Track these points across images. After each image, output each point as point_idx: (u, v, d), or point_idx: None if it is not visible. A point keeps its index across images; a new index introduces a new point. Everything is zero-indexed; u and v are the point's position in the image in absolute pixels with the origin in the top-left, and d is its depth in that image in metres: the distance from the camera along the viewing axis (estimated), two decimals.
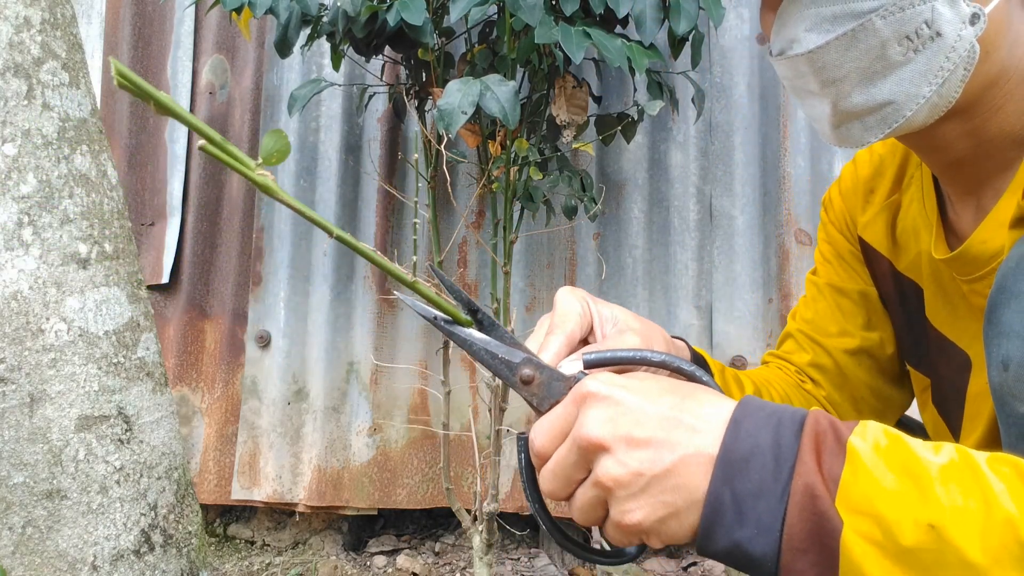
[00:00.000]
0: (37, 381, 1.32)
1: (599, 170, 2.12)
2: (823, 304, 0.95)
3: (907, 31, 0.63)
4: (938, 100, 0.65)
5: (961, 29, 0.62)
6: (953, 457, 0.45)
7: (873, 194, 0.88)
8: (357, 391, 2.14)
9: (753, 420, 0.48)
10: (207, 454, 2.19)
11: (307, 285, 2.18)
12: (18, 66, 1.36)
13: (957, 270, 0.73)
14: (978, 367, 0.77)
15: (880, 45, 0.64)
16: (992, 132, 0.68)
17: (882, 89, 0.65)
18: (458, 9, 1.48)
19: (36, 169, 1.36)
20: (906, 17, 0.62)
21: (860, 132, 0.68)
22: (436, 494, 2.10)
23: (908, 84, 0.64)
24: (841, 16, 0.64)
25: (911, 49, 0.63)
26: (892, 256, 0.86)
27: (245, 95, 2.29)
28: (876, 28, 0.63)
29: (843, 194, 0.92)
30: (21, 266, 1.33)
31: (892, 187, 0.85)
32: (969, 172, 0.71)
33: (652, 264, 2.08)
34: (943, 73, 0.63)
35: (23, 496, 1.31)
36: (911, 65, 0.64)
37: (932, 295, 0.81)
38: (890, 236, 0.86)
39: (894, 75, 0.64)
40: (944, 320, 0.80)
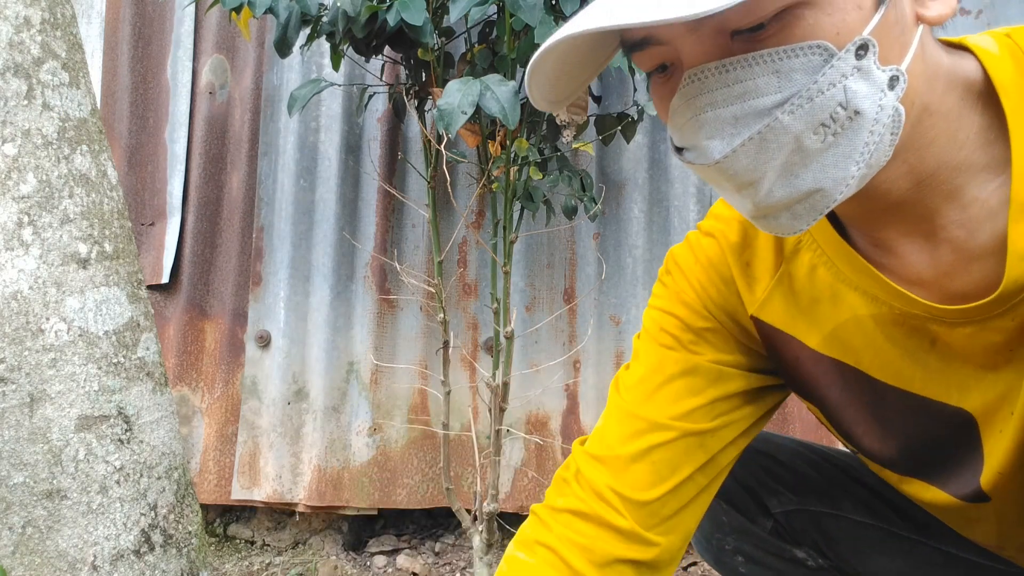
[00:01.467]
0: (37, 381, 1.32)
1: (599, 170, 2.12)
2: (669, 388, 0.78)
3: (821, 119, 0.55)
4: (868, 171, 0.59)
5: (880, 99, 0.55)
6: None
7: (751, 267, 0.76)
8: (357, 391, 2.14)
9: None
10: (207, 454, 2.19)
11: (307, 285, 2.18)
12: (18, 66, 1.36)
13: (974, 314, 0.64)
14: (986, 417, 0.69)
15: (794, 139, 0.56)
16: (929, 166, 0.62)
17: (805, 180, 0.57)
18: (458, 9, 1.48)
19: (36, 169, 1.36)
20: (816, 106, 0.55)
21: (789, 221, 0.60)
22: (436, 494, 2.10)
23: (832, 169, 0.57)
24: (743, 116, 0.56)
25: (829, 134, 0.56)
26: (802, 334, 0.75)
27: (245, 95, 2.30)
28: (785, 125, 0.55)
29: (702, 265, 0.79)
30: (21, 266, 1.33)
31: (775, 258, 0.75)
32: (914, 210, 0.64)
33: (652, 264, 2.08)
34: (869, 148, 0.57)
35: (23, 496, 1.31)
36: (832, 150, 0.56)
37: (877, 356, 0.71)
38: (791, 312, 0.75)
39: (815, 163, 0.57)
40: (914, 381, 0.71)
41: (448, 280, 2.11)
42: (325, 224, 2.18)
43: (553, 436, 2.06)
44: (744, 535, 0.94)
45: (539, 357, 2.08)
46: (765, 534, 0.94)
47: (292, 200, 2.20)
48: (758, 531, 0.94)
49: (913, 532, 0.92)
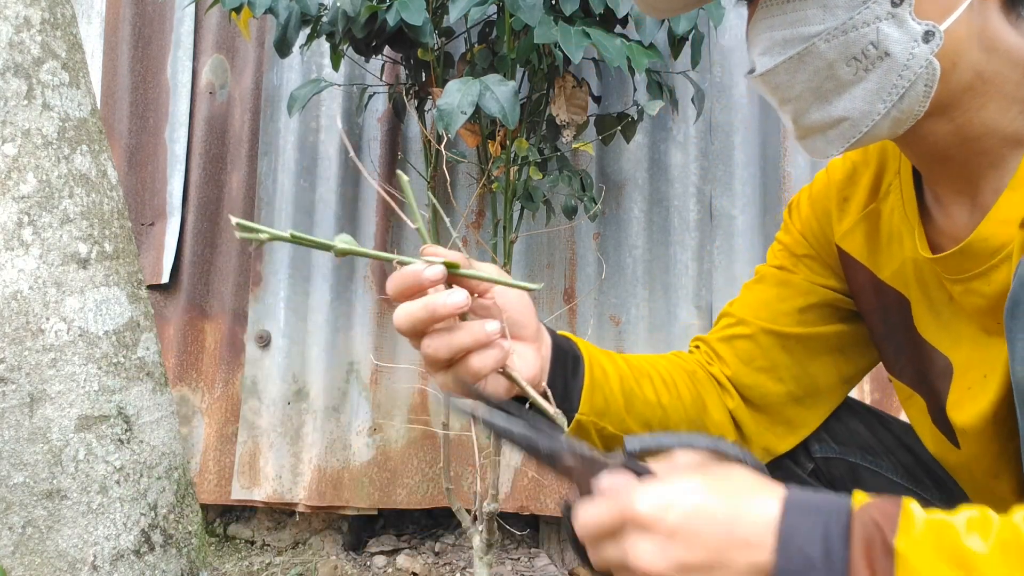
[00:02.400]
0: (37, 381, 1.32)
1: (599, 170, 2.12)
2: (753, 291, 0.95)
3: (853, 53, 0.65)
4: (899, 115, 0.67)
5: (913, 48, 0.63)
6: (1003, 538, 0.45)
7: (848, 203, 0.88)
8: (357, 391, 2.14)
9: (801, 530, 0.49)
10: (207, 454, 2.19)
11: (307, 285, 2.18)
12: (18, 66, 1.36)
13: (952, 269, 0.73)
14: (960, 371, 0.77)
15: (827, 66, 0.66)
16: (977, 130, 0.68)
17: (836, 107, 0.67)
18: (458, 9, 1.48)
19: (36, 169, 1.36)
20: (850, 40, 0.64)
21: (823, 145, 0.70)
22: (436, 494, 2.10)
23: (861, 102, 0.66)
24: (790, 40, 0.67)
25: (860, 68, 0.65)
26: (873, 266, 0.85)
27: (245, 95, 2.30)
28: (821, 51, 0.65)
29: (814, 199, 0.92)
30: (21, 266, 1.33)
31: (869, 197, 0.85)
32: (959, 169, 0.72)
33: (652, 264, 2.08)
34: (897, 90, 0.65)
35: (23, 496, 1.31)
36: (862, 84, 0.66)
37: (917, 303, 0.81)
38: (870, 246, 0.85)
39: (847, 94, 0.67)
40: (928, 327, 0.80)
41: None
42: (325, 224, 2.18)
43: None
44: (784, 473, 0.95)
45: None
46: (805, 475, 0.96)
47: (292, 200, 2.20)
48: (798, 471, 0.96)
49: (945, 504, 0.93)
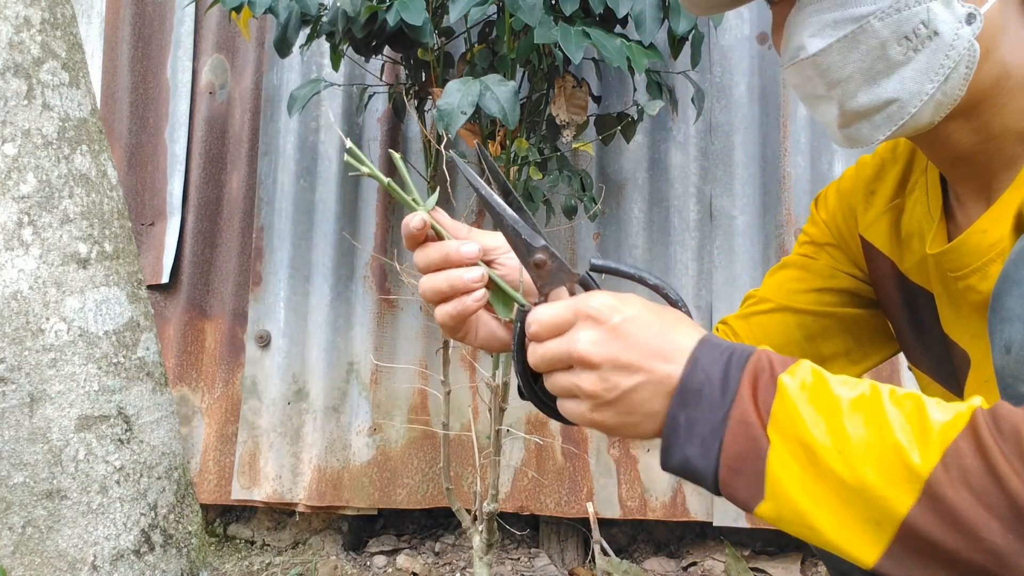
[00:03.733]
0: (37, 381, 1.32)
1: (599, 170, 2.12)
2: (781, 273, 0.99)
3: (905, 31, 0.66)
4: (942, 98, 0.68)
5: (958, 28, 0.66)
6: (863, 392, 0.54)
7: (874, 196, 0.90)
8: (357, 391, 2.14)
9: (709, 357, 0.58)
10: (207, 454, 2.19)
11: (307, 285, 2.18)
12: (18, 66, 1.36)
13: (952, 265, 0.75)
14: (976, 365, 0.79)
15: (880, 46, 0.67)
16: (997, 129, 0.71)
17: (886, 88, 0.69)
18: (457, 9, 1.48)
19: (36, 169, 1.36)
20: (903, 18, 0.66)
21: (869, 131, 0.71)
22: (436, 494, 2.10)
23: (911, 82, 0.68)
24: (841, 20, 0.68)
25: (911, 48, 0.67)
26: (896, 257, 0.88)
27: (245, 95, 2.30)
28: (875, 29, 0.67)
29: (841, 193, 0.95)
30: (21, 266, 1.33)
31: (895, 191, 0.88)
32: (978, 169, 0.74)
33: (652, 264, 2.08)
34: (944, 70, 0.67)
35: (23, 496, 1.31)
36: (912, 64, 0.67)
37: (940, 298, 0.83)
38: (893, 238, 0.88)
39: (896, 74, 0.68)
40: (950, 322, 0.82)
41: None
42: (325, 224, 2.18)
43: (553, 436, 2.06)
44: None
45: None
46: None
47: (292, 200, 2.20)
48: None
49: None
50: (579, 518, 2.07)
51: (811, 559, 2.02)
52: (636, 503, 2.02)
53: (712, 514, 1.98)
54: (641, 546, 2.15)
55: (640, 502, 2.02)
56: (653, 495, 2.01)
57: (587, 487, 2.04)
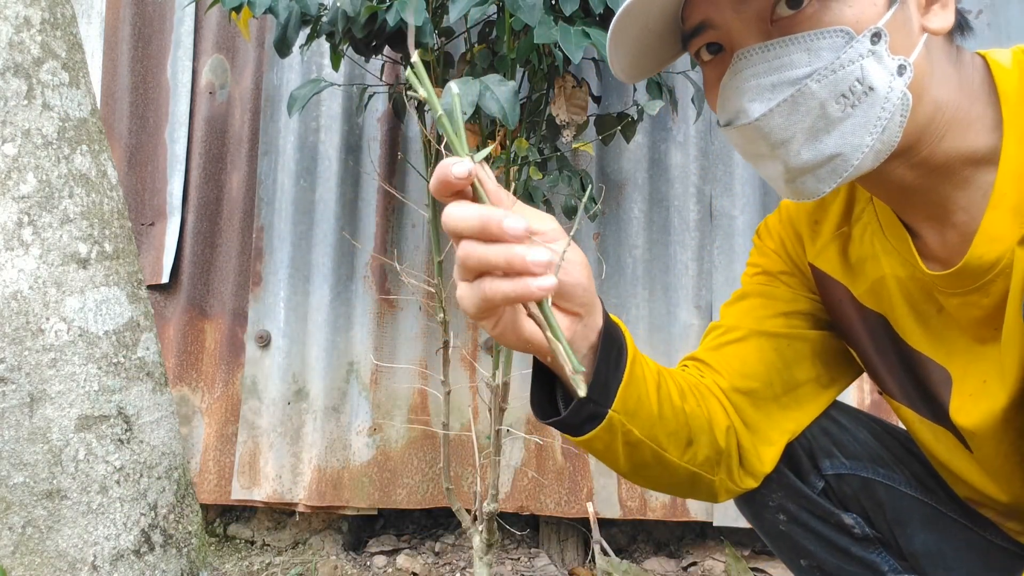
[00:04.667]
0: (37, 381, 1.32)
1: (599, 170, 2.12)
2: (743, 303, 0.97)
3: (842, 89, 0.68)
4: (881, 147, 0.70)
5: (891, 81, 0.68)
6: None
7: (819, 225, 0.91)
8: (357, 391, 2.14)
9: None
10: (207, 454, 2.19)
11: (307, 285, 2.18)
12: (18, 66, 1.36)
13: (951, 285, 0.76)
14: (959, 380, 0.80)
15: (819, 105, 0.69)
16: (939, 159, 0.73)
17: (828, 144, 0.70)
18: (457, 9, 1.48)
19: (36, 169, 1.36)
20: (839, 78, 0.68)
21: (814, 184, 0.72)
22: (436, 494, 2.10)
23: (851, 136, 0.69)
24: (779, 84, 0.69)
25: (848, 105, 0.68)
26: (848, 283, 0.89)
27: (245, 95, 2.30)
28: (812, 91, 0.68)
29: (783, 222, 0.95)
30: (21, 266, 1.33)
31: (841, 220, 0.89)
32: (924, 198, 0.76)
33: (652, 264, 2.08)
34: (881, 122, 0.69)
35: (23, 496, 1.31)
36: (851, 119, 0.69)
37: (902, 317, 0.84)
38: (844, 264, 0.89)
39: (837, 130, 0.69)
40: (918, 338, 0.83)
41: (448, 280, 2.11)
42: (325, 224, 2.18)
43: (553, 436, 2.06)
44: (792, 494, 0.95)
45: None
46: (815, 495, 0.95)
47: (292, 200, 2.20)
48: (807, 491, 0.95)
49: (961, 516, 0.94)
50: (579, 518, 2.07)
51: None
52: (636, 503, 2.02)
53: (712, 514, 1.98)
54: (641, 546, 2.15)
55: (640, 502, 2.02)
56: (653, 495, 2.01)
57: (587, 487, 2.04)
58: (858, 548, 0.95)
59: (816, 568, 0.97)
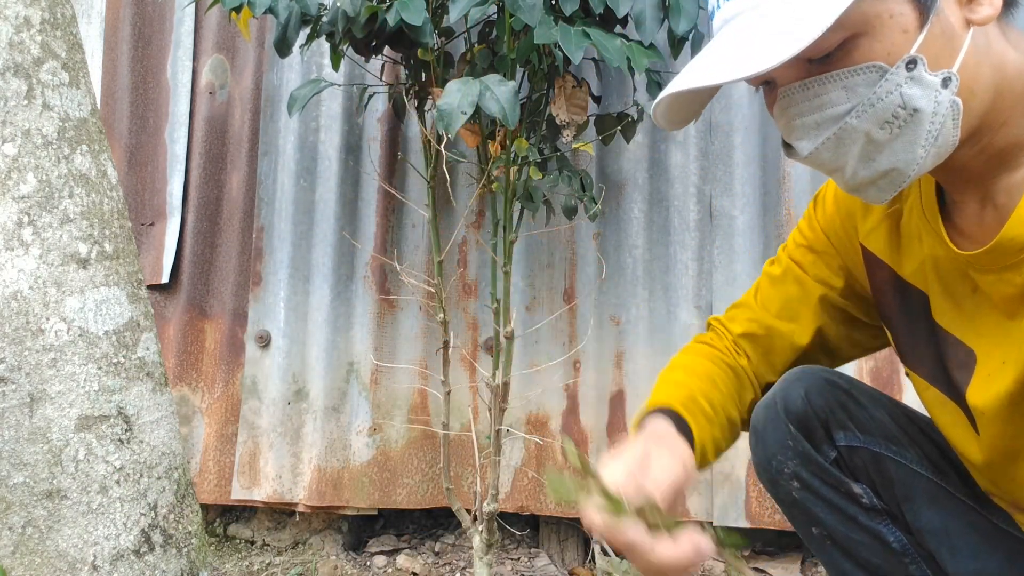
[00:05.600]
0: (37, 381, 1.32)
1: (599, 170, 2.12)
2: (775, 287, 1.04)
3: (885, 118, 0.69)
4: (938, 150, 0.71)
5: (936, 96, 0.69)
6: None
7: (870, 205, 0.93)
8: (357, 391, 2.14)
9: None
10: (207, 454, 2.19)
11: (307, 285, 2.18)
12: (18, 66, 1.36)
13: (985, 262, 0.77)
14: (983, 360, 0.81)
15: (865, 135, 0.71)
16: (1000, 144, 0.74)
17: (881, 162, 0.72)
18: (457, 9, 1.48)
19: (36, 169, 1.36)
20: (878, 110, 0.69)
21: (876, 193, 0.75)
22: (436, 494, 2.10)
23: (903, 153, 0.71)
24: (823, 122, 0.72)
25: (895, 128, 0.70)
26: (895, 263, 0.90)
27: (245, 95, 2.30)
28: (854, 126, 0.70)
29: (837, 199, 0.98)
30: (21, 266, 1.33)
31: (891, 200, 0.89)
32: (980, 180, 0.77)
33: (652, 264, 2.08)
34: (932, 134, 0.70)
35: (23, 496, 1.31)
36: (900, 139, 0.70)
37: (937, 296, 0.86)
38: (893, 243, 0.90)
39: (888, 150, 0.71)
40: (950, 318, 0.85)
41: (448, 280, 2.11)
42: (325, 224, 2.18)
43: (553, 436, 2.06)
44: (806, 462, 0.98)
45: (539, 357, 2.08)
46: (827, 464, 0.98)
47: (292, 200, 2.20)
48: (820, 460, 0.98)
49: (970, 499, 0.96)
50: (579, 518, 2.06)
51: (811, 559, 2.02)
52: None
53: (712, 514, 1.98)
54: None
55: None
56: None
57: None
58: (865, 517, 0.98)
59: (827, 537, 1.00)
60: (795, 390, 0.97)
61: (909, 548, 0.98)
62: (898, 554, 0.98)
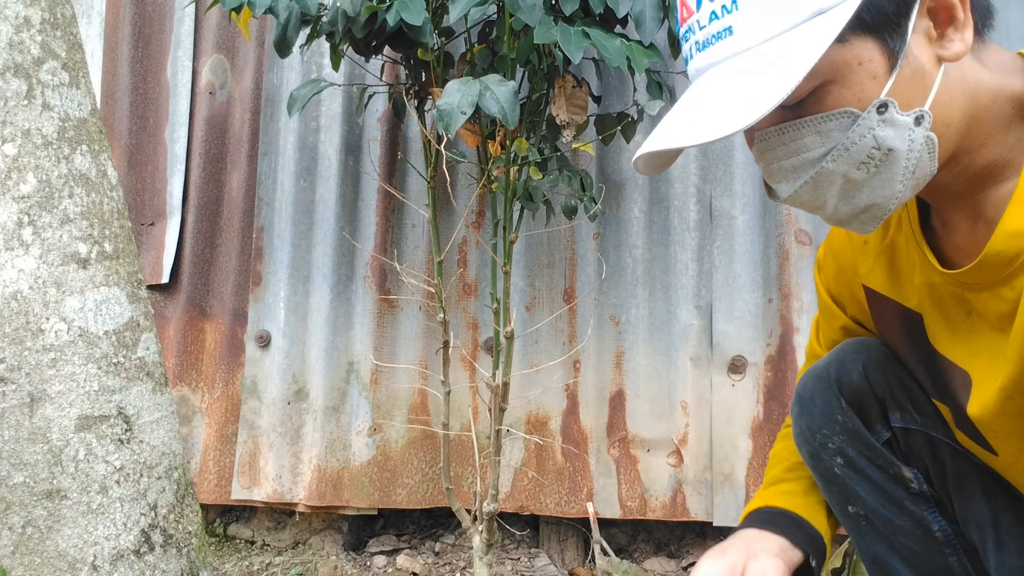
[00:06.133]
0: (37, 381, 1.32)
1: (599, 170, 2.12)
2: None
3: (860, 160, 0.71)
4: (916, 182, 0.73)
5: (910, 135, 0.70)
6: None
7: (867, 244, 0.94)
8: (357, 391, 2.14)
9: None
10: (207, 454, 2.19)
11: (307, 285, 2.18)
12: (18, 66, 1.36)
13: (974, 279, 0.78)
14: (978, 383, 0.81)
15: (842, 177, 0.72)
16: (981, 164, 0.75)
17: (861, 199, 0.73)
18: (457, 9, 1.48)
19: (36, 169, 1.36)
20: (853, 153, 0.70)
21: (859, 226, 0.77)
22: (436, 494, 2.10)
23: (881, 189, 0.72)
24: (799, 166, 0.73)
25: (871, 167, 0.71)
26: (898, 296, 0.90)
27: (245, 95, 2.30)
28: (831, 169, 0.71)
29: (835, 252, 1.00)
30: (21, 266, 1.33)
31: (883, 232, 0.91)
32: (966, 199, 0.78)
33: (652, 264, 2.08)
34: (909, 170, 0.71)
35: (23, 496, 1.31)
36: (877, 177, 0.72)
37: (932, 320, 0.86)
38: (892, 278, 0.91)
39: (867, 187, 0.73)
40: (946, 342, 0.85)
41: (448, 280, 2.11)
42: (325, 224, 2.18)
43: (553, 436, 2.06)
44: (854, 439, 0.96)
45: (539, 357, 2.08)
46: (879, 444, 0.96)
47: (292, 200, 2.20)
48: (871, 439, 0.96)
49: None
50: (579, 518, 2.07)
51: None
52: (636, 503, 2.02)
53: (712, 514, 1.98)
54: (641, 546, 2.15)
55: (640, 502, 2.02)
56: (653, 495, 2.01)
57: (587, 487, 2.04)
58: (911, 502, 0.96)
59: (863, 517, 0.99)
60: (852, 363, 0.96)
61: (952, 538, 0.96)
62: (940, 543, 0.96)
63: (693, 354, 2.03)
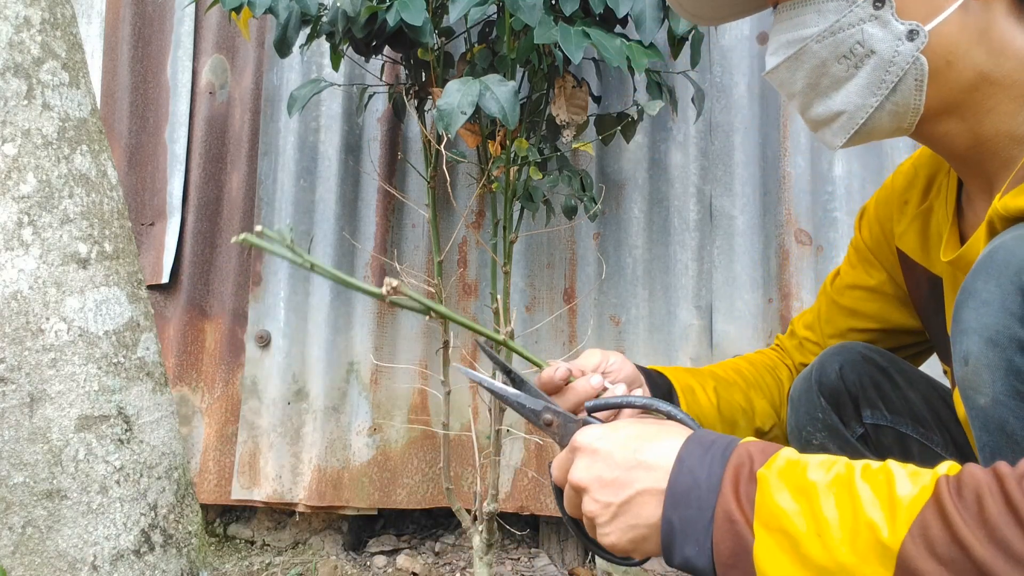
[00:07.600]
0: (37, 381, 1.32)
1: (599, 170, 2.12)
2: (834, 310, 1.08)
3: (842, 51, 0.72)
4: (895, 108, 0.73)
5: (897, 45, 0.70)
6: (838, 472, 0.56)
7: (907, 205, 0.95)
8: (357, 391, 2.14)
9: (693, 457, 0.60)
10: (207, 454, 2.19)
11: (307, 285, 2.18)
12: (18, 66, 1.36)
13: (962, 270, 0.78)
14: None
15: (821, 64, 0.74)
16: (988, 131, 0.73)
17: (835, 100, 0.75)
18: (457, 9, 1.48)
19: (36, 169, 1.36)
20: (838, 40, 0.72)
21: (831, 137, 0.77)
22: (436, 494, 2.10)
23: (855, 95, 0.73)
24: (791, 42, 0.75)
25: (851, 66, 0.72)
26: (927, 262, 0.91)
27: (245, 95, 2.30)
28: (814, 51, 0.73)
29: (878, 203, 1.01)
30: (21, 266, 1.33)
31: (922, 196, 0.92)
32: (977, 169, 0.77)
33: (652, 264, 2.08)
34: (886, 85, 0.71)
35: (23, 496, 1.31)
36: (855, 80, 0.73)
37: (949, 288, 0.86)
38: (923, 243, 0.91)
39: (843, 89, 0.74)
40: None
41: (448, 280, 2.11)
42: (325, 224, 2.18)
43: None
44: (834, 435, 1.00)
45: (539, 357, 2.08)
46: (853, 439, 1.00)
47: (292, 200, 2.20)
48: (847, 434, 1.00)
49: None
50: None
51: None
52: None
53: None
54: None
55: None
56: None
57: None
58: None
59: None
60: (831, 364, 0.99)
61: None
62: None
63: (693, 354, 2.03)
